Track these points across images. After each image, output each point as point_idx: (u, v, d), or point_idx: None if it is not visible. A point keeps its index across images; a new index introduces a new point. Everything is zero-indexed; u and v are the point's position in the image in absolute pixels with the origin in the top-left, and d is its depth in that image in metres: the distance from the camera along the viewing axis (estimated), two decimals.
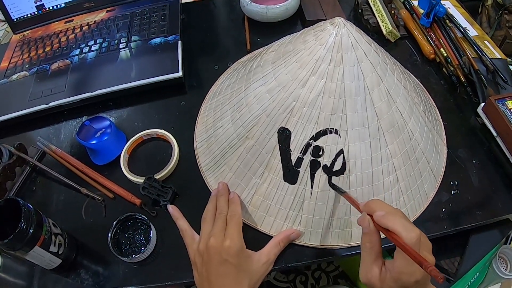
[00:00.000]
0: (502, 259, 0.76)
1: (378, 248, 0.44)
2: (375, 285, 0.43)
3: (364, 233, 0.44)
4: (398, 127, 0.54)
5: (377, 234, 0.43)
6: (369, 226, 0.43)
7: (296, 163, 0.53)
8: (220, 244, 0.50)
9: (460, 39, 0.79)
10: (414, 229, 0.40)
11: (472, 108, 0.72)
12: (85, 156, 0.67)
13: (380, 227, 0.42)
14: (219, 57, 0.82)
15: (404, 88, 0.56)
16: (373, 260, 0.44)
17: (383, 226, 0.42)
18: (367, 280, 0.44)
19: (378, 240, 0.44)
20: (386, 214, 0.42)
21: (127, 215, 0.58)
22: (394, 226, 0.40)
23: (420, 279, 0.40)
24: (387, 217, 0.42)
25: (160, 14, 0.86)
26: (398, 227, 0.40)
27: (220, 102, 0.65)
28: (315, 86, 0.50)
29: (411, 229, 0.40)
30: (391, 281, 0.42)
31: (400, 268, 0.41)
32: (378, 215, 0.42)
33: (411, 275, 0.40)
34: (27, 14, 0.89)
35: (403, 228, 0.40)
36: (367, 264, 0.44)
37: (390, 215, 0.42)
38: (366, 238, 0.44)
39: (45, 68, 0.79)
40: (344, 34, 0.50)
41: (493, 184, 0.64)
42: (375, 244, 0.43)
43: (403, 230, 0.40)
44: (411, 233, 0.39)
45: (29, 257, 0.51)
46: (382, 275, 0.43)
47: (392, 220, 0.41)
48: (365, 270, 0.44)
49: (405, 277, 0.40)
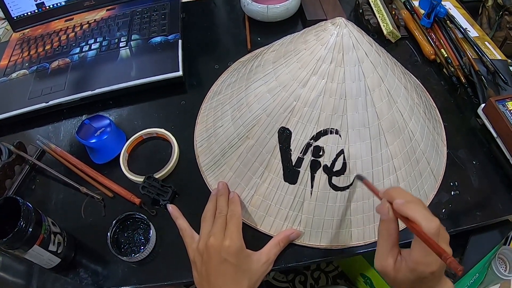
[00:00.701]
0: (501, 260, 0.76)
1: (395, 237, 0.43)
2: (390, 274, 0.43)
3: (382, 221, 0.43)
4: (399, 127, 0.54)
5: (396, 222, 0.43)
6: (388, 213, 0.42)
7: (296, 163, 0.53)
8: (219, 243, 0.50)
9: (460, 40, 0.79)
10: (434, 219, 0.39)
11: (472, 109, 0.72)
12: (85, 155, 0.67)
13: (399, 215, 0.42)
14: (220, 56, 0.82)
15: (404, 89, 0.56)
16: (389, 249, 0.43)
17: (403, 214, 0.41)
18: (382, 268, 0.43)
19: (396, 228, 0.43)
20: (407, 202, 0.41)
21: (127, 214, 0.58)
22: (414, 215, 0.40)
23: (436, 270, 0.40)
24: (407, 206, 0.41)
25: (161, 13, 0.86)
26: (418, 217, 0.39)
27: (220, 102, 0.65)
28: (316, 86, 0.50)
29: (431, 219, 0.39)
30: (407, 271, 0.41)
31: (417, 258, 0.40)
32: (398, 203, 0.41)
33: (427, 266, 0.40)
34: (27, 12, 0.89)
35: (423, 218, 0.39)
36: (382, 252, 0.43)
37: (410, 204, 0.41)
38: (384, 225, 0.43)
39: (45, 67, 0.79)
40: (345, 34, 0.50)
41: (493, 185, 0.64)
42: (393, 233, 0.43)
43: (423, 220, 0.39)
44: (431, 223, 0.39)
45: (28, 256, 0.51)
46: (397, 264, 0.42)
47: (413, 208, 0.40)
48: (380, 258, 0.43)
49: (421, 267, 0.40)
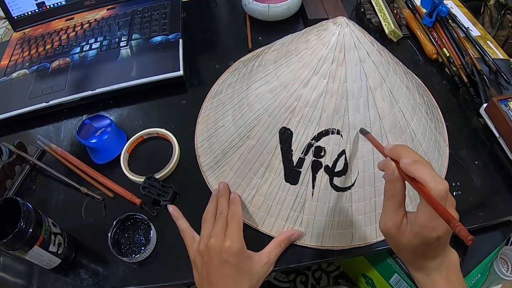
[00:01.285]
0: (503, 261, 0.76)
1: (401, 197, 0.41)
2: (393, 236, 0.41)
3: (388, 181, 0.41)
4: (401, 127, 0.54)
5: (402, 181, 0.40)
6: (393, 173, 0.40)
7: (297, 164, 0.53)
8: (220, 244, 0.50)
9: (462, 39, 0.79)
10: (443, 181, 0.37)
11: (474, 109, 0.72)
12: (85, 155, 0.67)
13: (405, 175, 0.39)
14: (220, 55, 0.82)
15: (406, 88, 0.56)
16: (394, 209, 0.41)
17: (410, 174, 0.38)
18: (386, 229, 0.42)
19: (402, 188, 0.40)
20: (414, 162, 0.38)
21: (127, 214, 0.58)
22: (422, 176, 0.37)
23: (442, 235, 0.38)
24: (414, 165, 0.38)
25: (161, 12, 0.85)
26: (426, 177, 0.37)
27: (221, 101, 0.65)
28: (317, 86, 0.50)
29: (439, 180, 0.37)
30: (411, 235, 0.40)
31: (423, 222, 0.38)
32: (405, 162, 0.39)
33: (433, 230, 0.38)
34: (28, 12, 0.89)
35: (432, 179, 0.37)
36: (387, 213, 0.41)
37: (418, 164, 0.38)
38: (390, 185, 0.41)
39: (45, 66, 0.79)
40: (346, 33, 0.49)
41: (495, 185, 0.63)
42: (399, 193, 0.40)
43: (431, 181, 0.36)
44: (440, 184, 0.36)
45: (29, 256, 0.50)
46: (403, 227, 0.41)
47: (421, 169, 0.38)
48: (385, 218, 0.42)
49: (427, 231, 0.38)
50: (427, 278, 0.44)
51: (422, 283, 0.45)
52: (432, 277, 0.43)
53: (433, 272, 0.43)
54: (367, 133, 0.50)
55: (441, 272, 0.43)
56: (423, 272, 0.44)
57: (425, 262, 0.43)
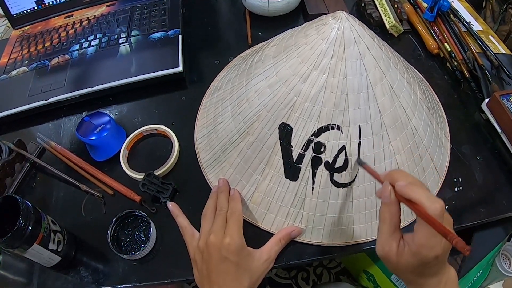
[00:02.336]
0: (505, 257, 0.75)
1: (397, 220, 0.42)
2: (392, 259, 0.42)
3: (384, 204, 0.42)
4: (401, 123, 0.53)
5: (398, 205, 0.42)
6: (390, 196, 0.42)
7: (297, 160, 0.53)
8: (220, 241, 0.49)
9: (464, 34, 0.78)
10: (438, 200, 0.39)
11: (476, 104, 0.71)
12: (85, 152, 0.67)
13: (401, 198, 0.41)
14: (220, 51, 0.81)
15: (407, 83, 0.55)
16: (391, 232, 0.42)
17: (406, 196, 0.40)
18: (384, 253, 0.42)
19: (398, 211, 0.42)
20: (409, 184, 0.40)
21: (127, 212, 0.58)
22: (418, 197, 0.39)
23: (440, 254, 0.39)
24: (410, 187, 0.40)
25: (161, 8, 0.85)
26: (422, 198, 0.39)
27: (220, 97, 0.64)
28: (316, 81, 0.50)
29: (435, 200, 0.39)
30: (410, 255, 0.40)
31: (421, 241, 0.39)
32: (400, 185, 0.41)
33: (431, 249, 0.39)
34: (27, 9, 0.89)
35: (427, 199, 0.38)
36: (384, 237, 0.42)
37: (413, 186, 0.40)
38: (386, 208, 0.42)
39: (45, 64, 0.79)
40: (346, 28, 0.49)
41: (497, 181, 0.63)
42: (394, 216, 0.42)
43: (426, 201, 0.38)
44: (435, 203, 0.38)
45: (28, 255, 0.50)
46: (400, 248, 0.41)
47: (416, 190, 0.40)
48: (382, 242, 0.43)
49: (425, 251, 0.39)
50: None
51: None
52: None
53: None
54: (363, 163, 0.51)
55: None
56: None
57: (424, 280, 0.43)
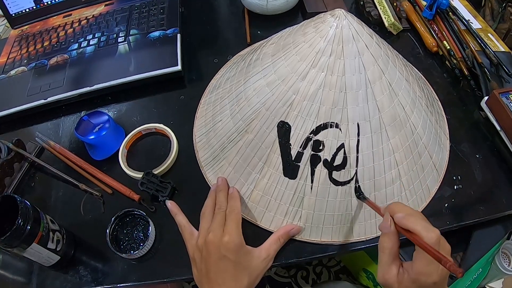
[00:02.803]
0: (505, 255, 0.75)
1: (397, 250, 0.45)
2: (393, 286, 0.44)
3: (384, 234, 0.45)
4: (400, 121, 0.53)
5: (397, 235, 0.44)
6: (390, 227, 0.44)
7: (296, 158, 0.53)
8: (219, 239, 0.49)
9: (463, 32, 0.78)
10: (434, 230, 0.41)
11: (475, 102, 0.71)
12: (84, 152, 0.67)
13: (400, 229, 0.43)
14: (219, 50, 0.81)
15: (406, 81, 0.55)
16: (391, 261, 0.44)
17: (404, 227, 0.43)
18: (385, 281, 0.45)
19: (397, 241, 0.44)
20: (407, 215, 0.43)
21: (126, 210, 0.58)
22: (415, 227, 0.42)
23: (438, 280, 0.41)
24: (408, 219, 0.43)
25: (159, 7, 0.85)
26: (419, 228, 0.41)
27: (219, 96, 0.64)
28: (315, 79, 0.49)
29: (431, 229, 0.41)
30: (409, 282, 0.43)
31: (419, 269, 0.42)
32: (398, 216, 0.43)
33: (429, 276, 0.41)
34: (26, 9, 0.89)
35: (424, 229, 0.41)
36: (385, 265, 0.45)
37: (410, 217, 0.43)
38: (386, 239, 0.45)
39: (44, 63, 0.78)
40: (344, 26, 0.49)
41: (496, 179, 0.63)
42: (394, 245, 0.44)
43: (423, 230, 0.41)
44: (431, 233, 0.41)
45: (27, 254, 0.50)
46: (400, 276, 0.44)
47: (413, 221, 0.42)
48: (382, 271, 0.45)
49: (423, 277, 0.41)
50: None
51: None
52: None
53: None
54: (366, 198, 0.53)
55: None
56: None
57: None
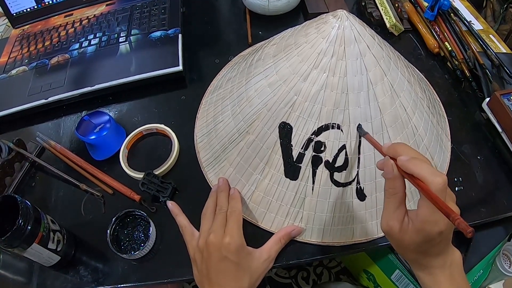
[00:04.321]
0: (506, 256, 0.75)
1: (402, 195, 0.41)
2: (395, 235, 0.41)
3: (387, 179, 0.41)
4: (402, 122, 0.53)
5: (401, 179, 0.41)
6: (392, 170, 0.40)
7: (297, 159, 0.53)
8: (219, 240, 0.49)
9: (465, 33, 0.78)
10: (440, 174, 0.37)
11: (477, 103, 0.71)
12: (85, 152, 0.66)
13: (404, 173, 0.40)
14: (220, 50, 0.81)
15: (408, 83, 0.55)
16: (396, 208, 0.41)
17: (408, 171, 0.39)
18: (389, 228, 0.42)
19: (402, 185, 0.41)
20: (411, 158, 0.39)
21: (126, 211, 0.57)
22: (420, 171, 0.38)
23: (444, 229, 0.39)
24: (412, 162, 0.39)
25: (161, 7, 0.85)
26: (424, 172, 0.37)
27: (220, 96, 0.64)
28: (317, 80, 0.49)
29: (437, 174, 0.37)
30: (413, 232, 0.40)
31: (424, 217, 0.38)
32: (402, 159, 0.39)
33: (435, 224, 0.38)
34: (27, 9, 0.88)
35: (429, 173, 0.37)
36: (389, 212, 0.42)
37: (415, 160, 0.39)
38: (390, 183, 0.41)
39: (45, 63, 0.78)
40: (346, 27, 0.49)
41: (497, 181, 0.63)
42: (399, 190, 0.41)
43: (429, 175, 0.37)
44: (437, 177, 0.37)
45: (27, 254, 0.50)
46: (404, 225, 0.41)
47: (418, 164, 0.38)
48: (386, 217, 0.42)
49: (428, 226, 0.38)
50: (431, 277, 0.43)
51: (425, 282, 0.44)
52: (435, 276, 0.43)
53: (437, 271, 0.43)
54: (365, 133, 0.50)
55: (445, 270, 0.43)
56: (427, 271, 0.43)
57: (428, 260, 0.43)
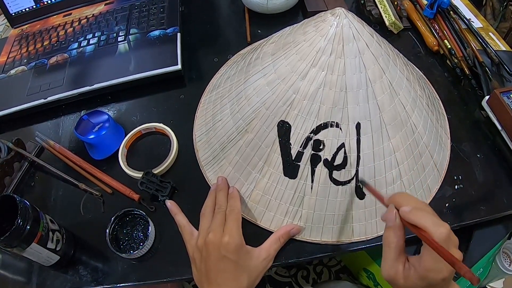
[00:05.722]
0: (506, 255, 0.75)
1: (402, 244, 0.42)
2: (398, 282, 0.42)
3: (388, 227, 0.42)
4: (401, 120, 0.53)
5: (402, 229, 0.42)
6: (395, 220, 0.41)
7: (296, 157, 0.52)
8: (218, 239, 0.49)
9: (464, 31, 0.78)
10: (443, 225, 0.38)
11: (476, 101, 0.71)
12: (84, 151, 0.66)
13: (406, 223, 0.41)
14: (219, 49, 0.81)
15: (407, 80, 0.55)
16: (396, 257, 0.42)
17: (411, 222, 0.40)
18: (390, 277, 0.42)
19: (402, 235, 0.42)
20: (414, 209, 0.40)
21: (126, 210, 0.57)
22: (423, 222, 0.39)
23: (447, 276, 0.39)
24: (415, 213, 0.40)
25: (159, 6, 0.85)
26: (427, 223, 0.38)
27: (219, 95, 0.64)
28: (315, 78, 0.49)
29: (440, 224, 0.38)
30: (417, 279, 0.40)
31: (428, 266, 0.39)
32: (405, 210, 0.41)
33: (439, 273, 0.39)
34: (26, 8, 0.89)
35: (432, 224, 0.38)
36: (390, 261, 0.42)
37: (417, 211, 0.40)
38: (391, 232, 0.42)
39: (43, 63, 0.78)
40: (345, 24, 0.48)
41: (497, 178, 0.62)
42: (400, 240, 0.41)
43: (432, 226, 0.38)
44: (441, 228, 0.38)
45: (27, 254, 0.50)
46: (406, 271, 0.41)
47: (420, 215, 0.39)
48: (387, 266, 0.42)
49: (432, 274, 0.39)
50: None
51: None
52: None
53: None
54: (366, 184, 0.51)
55: None
56: None
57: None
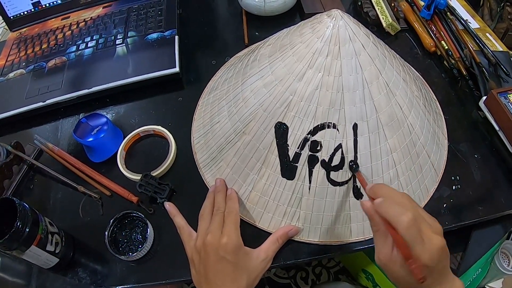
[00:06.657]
0: (504, 255, 0.75)
1: (384, 230, 0.42)
2: (387, 266, 0.42)
3: (369, 216, 0.43)
4: (398, 120, 0.53)
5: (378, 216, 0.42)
6: (369, 210, 0.42)
7: (293, 159, 0.53)
8: (217, 241, 0.49)
9: (461, 32, 0.78)
10: (405, 212, 0.38)
11: (473, 102, 0.71)
12: (82, 154, 0.67)
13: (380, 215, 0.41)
14: (217, 51, 0.81)
15: (403, 81, 0.55)
16: (383, 241, 0.42)
17: (379, 214, 0.41)
18: (380, 262, 0.43)
19: (380, 221, 0.42)
20: (381, 201, 0.41)
21: (124, 212, 0.58)
22: (387, 214, 0.39)
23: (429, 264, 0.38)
24: (380, 205, 0.40)
25: (157, 9, 0.85)
26: (391, 214, 0.39)
27: (217, 97, 0.64)
28: (312, 79, 0.50)
29: (403, 212, 0.38)
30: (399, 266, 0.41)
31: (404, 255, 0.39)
32: (376, 202, 0.41)
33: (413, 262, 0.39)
34: (24, 12, 0.89)
35: (395, 214, 0.38)
36: (378, 246, 0.43)
37: (382, 203, 0.40)
38: (371, 221, 0.43)
39: (42, 66, 0.79)
40: (341, 26, 0.49)
41: (495, 179, 0.63)
42: (380, 226, 0.42)
43: (394, 216, 0.38)
44: (402, 217, 0.37)
45: (26, 256, 0.50)
46: (393, 256, 0.41)
47: (384, 207, 0.40)
48: (377, 252, 0.43)
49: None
50: None
51: None
52: None
53: None
54: (357, 171, 0.52)
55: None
56: None
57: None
